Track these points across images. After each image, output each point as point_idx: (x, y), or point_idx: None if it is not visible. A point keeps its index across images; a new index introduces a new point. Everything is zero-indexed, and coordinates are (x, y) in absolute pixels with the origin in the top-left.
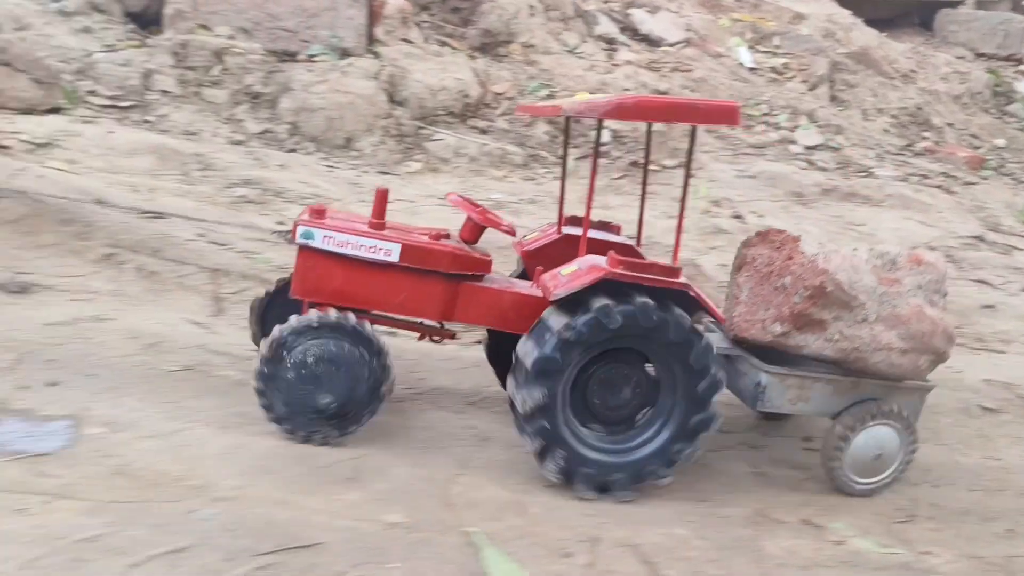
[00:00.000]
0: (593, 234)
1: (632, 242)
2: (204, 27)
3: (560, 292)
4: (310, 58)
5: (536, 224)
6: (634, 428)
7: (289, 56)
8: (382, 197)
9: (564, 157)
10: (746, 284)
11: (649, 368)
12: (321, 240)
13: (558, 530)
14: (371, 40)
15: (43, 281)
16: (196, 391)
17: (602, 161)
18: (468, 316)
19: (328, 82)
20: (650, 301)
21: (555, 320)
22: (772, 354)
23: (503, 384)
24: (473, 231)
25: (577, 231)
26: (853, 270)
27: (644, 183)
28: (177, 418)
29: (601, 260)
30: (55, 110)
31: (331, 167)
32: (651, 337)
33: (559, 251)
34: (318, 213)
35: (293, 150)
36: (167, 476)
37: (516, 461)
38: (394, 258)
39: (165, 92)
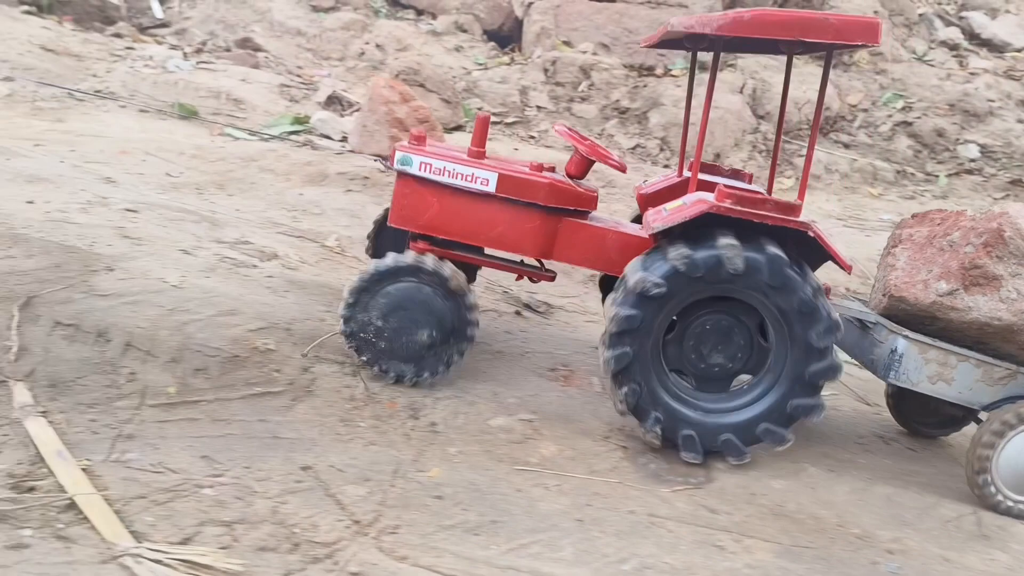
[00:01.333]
0: (716, 180)
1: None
2: (566, 43)
3: (658, 225)
4: (667, 71)
5: None
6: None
7: (647, 70)
8: (483, 124)
9: (689, 93)
10: (903, 254)
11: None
12: (418, 167)
13: None
14: None
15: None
16: None
17: (975, 179)
18: (567, 255)
19: (696, 97)
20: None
21: (673, 249)
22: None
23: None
24: (580, 165)
25: (702, 176)
26: None
27: (779, 134)
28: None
29: (709, 195)
30: (459, 127)
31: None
32: (746, 284)
33: (678, 195)
34: (418, 140)
35: (667, 165)
36: (825, 522)
37: None
38: (490, 188)
39: (540, 108)
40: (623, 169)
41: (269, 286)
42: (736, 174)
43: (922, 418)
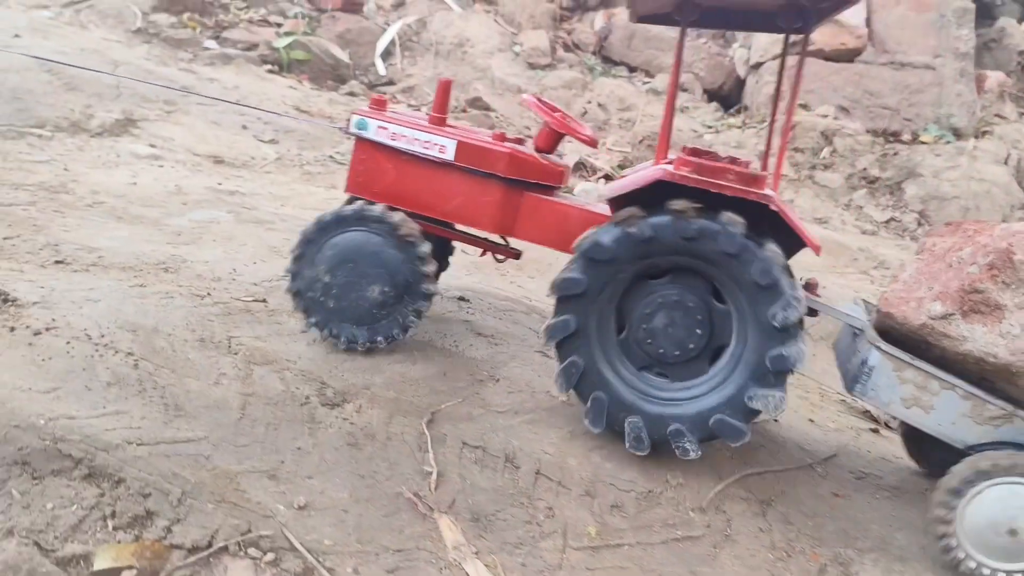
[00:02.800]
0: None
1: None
2: (803, 107)
3: (607, 192)
4: (915, 137)
5: None
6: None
7: (893, 136)
8: (444, 89)
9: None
10: (913, 265)
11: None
12: (375, 131)
13: None
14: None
15: None
16: None
17: None
18: (528, 232)
19: (959, 167)
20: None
21: (626, 213)
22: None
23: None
24: (548, 138)
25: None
26: None
27: (773, 116)
28: None
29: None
30: None
31: None
32: (699, 253)
33: None
34: (378, 103)
35: None
36: None
37: None
38: (448, 155)
39: (782, 175)
40: (594, 144)
41: None
42: (732, 161)
43: (941, 455)
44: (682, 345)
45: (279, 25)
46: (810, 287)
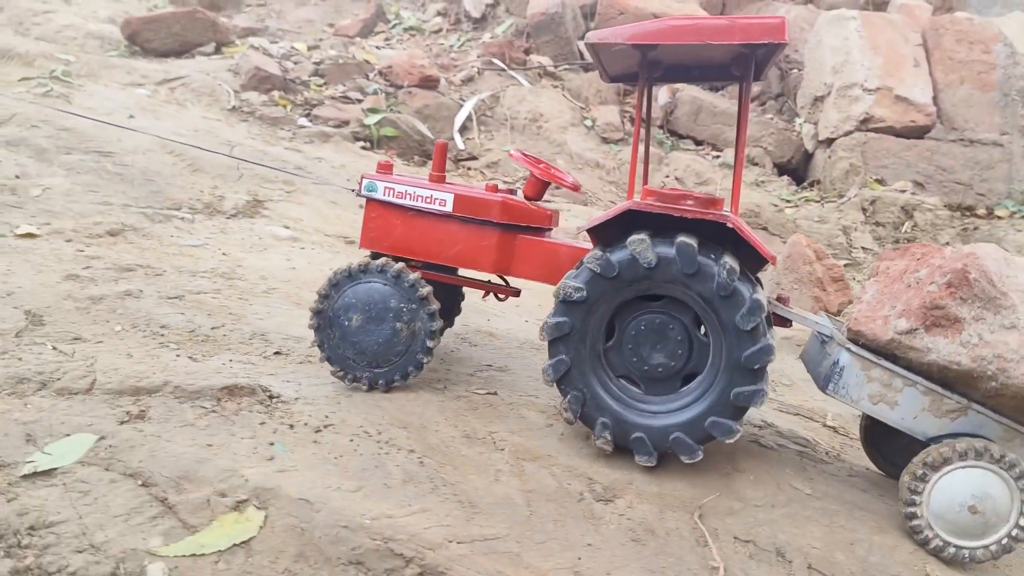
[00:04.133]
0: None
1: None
2: (879, 182)
3: (586, 225)
4: (990, 211)
5: None
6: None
7: (968, 210)
8: (441, 151)
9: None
10: (872, 288)
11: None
12: (382, 192)
13: None
14: None
15: None
16: None
17: None
18: (524, 270)
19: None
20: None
21: (592, 254)
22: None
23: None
24: (535, 187)
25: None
26: (1005, 263)
27: (739, 147)
28: None
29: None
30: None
31: None
32: (666, 279)
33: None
34: (384, 168)
35: None
36: None
37: None
38: (448, 208)
39: (865, 249)
40: (576, 189)
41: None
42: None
43: (898, 457)
44: (663, 364)
45: (359, 101)
46: (782, 300)
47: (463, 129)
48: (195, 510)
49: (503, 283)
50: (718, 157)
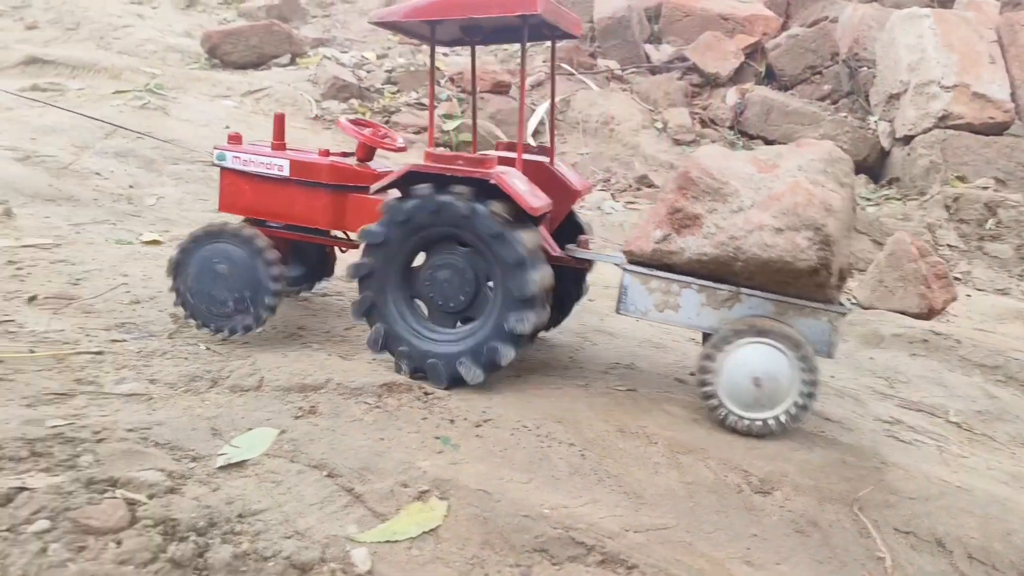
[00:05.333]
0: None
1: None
2: (960, 179)
3: (377, 184)
4: None
5: None
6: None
7: None
8: (279, 122)
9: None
10: (647, 211)
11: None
12: (231, 160)
13: None
14: None
15: None
16: None
17: None
18: (355, 225)
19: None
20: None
21: (385, 203)
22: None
23: None
24: (363, 150)
25: (505, 154)
26: (723, 157)
27: (553, 104)
28: None
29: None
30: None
31: None
32: (449, 223)
33: None
34: (234, 139)
35: None
36: None
37: None
38: (285, 172)
39: (951, 247)
40: (403, 150)
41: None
42: (542, 150)
43: None
44: (453, 299)
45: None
46: (581, 244)
47: (535, 133)
48: (381, 499)
49: (345, 237)
50: None
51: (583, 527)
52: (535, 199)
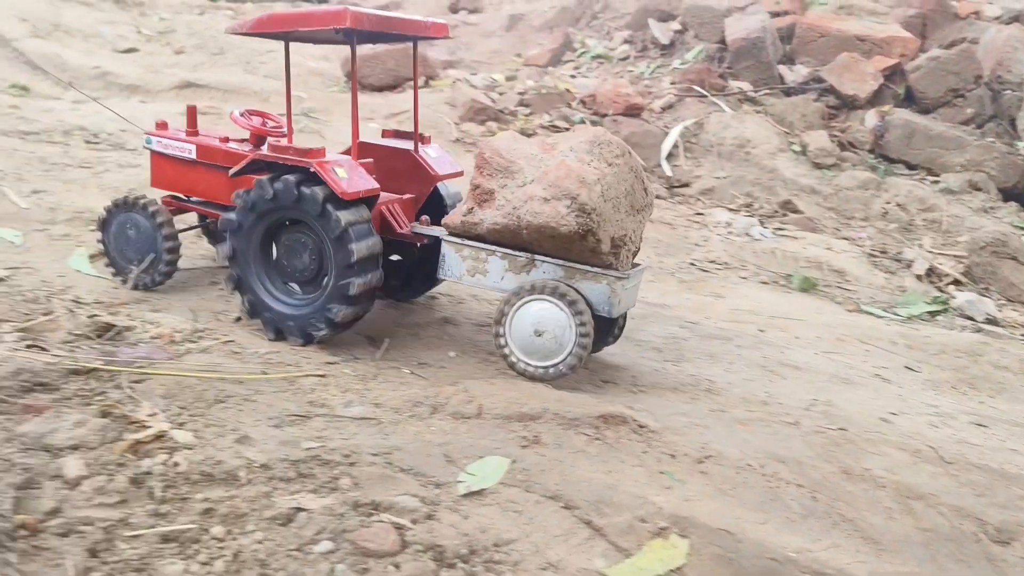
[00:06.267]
0: (386, 142)
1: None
2: None
3: (234, 169)
4: None
5: None
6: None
7: None
8: (192, 113)
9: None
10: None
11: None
12: (155, 144)
13: None
14: None
15: None
16: None
17: None
18: None
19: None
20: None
21: (236, 194)
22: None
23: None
24: (255, 138)
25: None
26: (513, 139)
27: (416, 95)
28: None
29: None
30: None
31: None
32: (287, 207)
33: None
34: (161, 126)
35: None
36: None
37: None
38: (193, 156)
39: None
40: (287, 136)
41: None
42: (404, 136)
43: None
44: (299, 270)
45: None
46: (422, 222)
47: (669, 156)
48: (621, 534)
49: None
50: (937, 182)
51: (832, 573)
52: (351, 184)
